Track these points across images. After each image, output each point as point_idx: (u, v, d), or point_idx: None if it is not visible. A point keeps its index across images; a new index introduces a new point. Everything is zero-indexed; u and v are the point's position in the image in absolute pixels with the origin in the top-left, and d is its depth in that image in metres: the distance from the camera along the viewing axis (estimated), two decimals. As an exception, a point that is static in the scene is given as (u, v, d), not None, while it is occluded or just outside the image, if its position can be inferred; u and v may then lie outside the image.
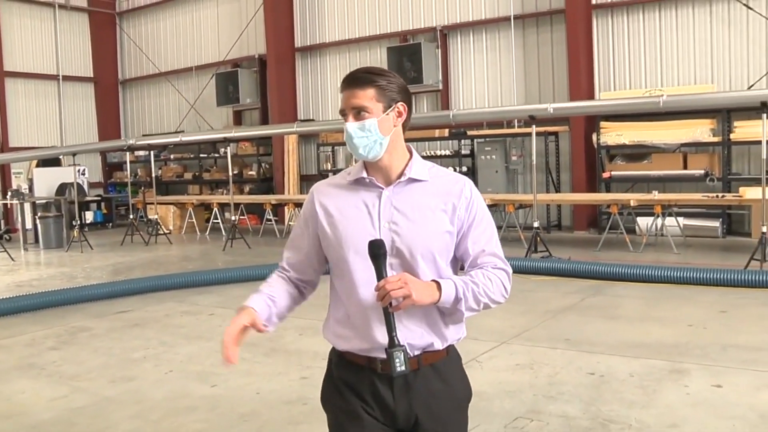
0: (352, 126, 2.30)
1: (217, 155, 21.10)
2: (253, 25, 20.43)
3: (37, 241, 17.52)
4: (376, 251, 2.14)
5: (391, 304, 2.09)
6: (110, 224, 21.61)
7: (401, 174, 2.33)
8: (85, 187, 20.42)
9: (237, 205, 17.09)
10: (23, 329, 8.66)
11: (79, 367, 6.82)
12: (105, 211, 21.82)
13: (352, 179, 2.38)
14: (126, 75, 24.76)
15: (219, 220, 17.99)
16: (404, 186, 2.33)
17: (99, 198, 21.97)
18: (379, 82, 2.30)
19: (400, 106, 2.33)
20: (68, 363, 6.98)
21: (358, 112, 2.29)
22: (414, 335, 2.26)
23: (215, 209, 18.03)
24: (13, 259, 15.10)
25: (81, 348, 7.58)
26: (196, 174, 21.70)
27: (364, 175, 2.34)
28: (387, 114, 2.30)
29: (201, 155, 21.39)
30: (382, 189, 2.34)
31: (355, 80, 2.31)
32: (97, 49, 24.23)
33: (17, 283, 12.32)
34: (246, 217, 18.43)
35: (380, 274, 2.13)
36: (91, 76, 24.13)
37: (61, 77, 22.97)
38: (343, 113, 2.34)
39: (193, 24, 22.40)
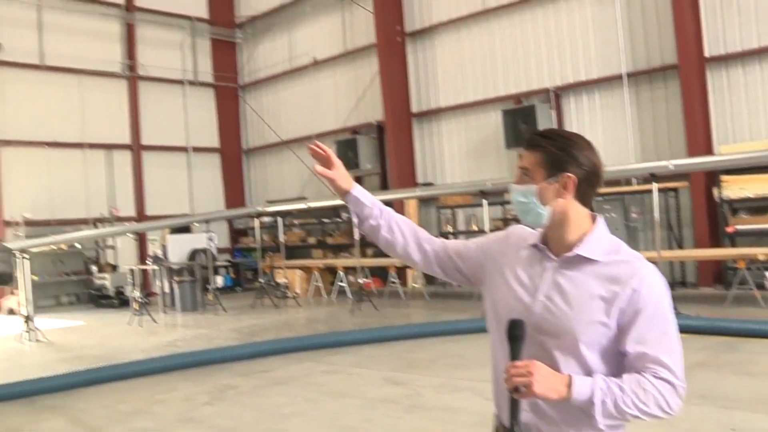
0: (513, 187, 2.29)
1: (339, 220, 22.09)
2: (370, 92, 21.40)
3: (173, 304, 18.59)
4: (514, 332, 2.07)
5: (517, 389, 2.02)
6: (239, 288, 22.83)
7: (572, 248, 2.23)
8: (215, 252, 21.59)
9: (362, 268, 17.76)
10: (176, 386, 9.57)
11: (234, 421, 7.62)
12: (233, 275, 23.03)
13: (530, 242, 2.34)
14: (249, 144, 26.55)
15: (344, 283, 18.72)
16: (572, 262, 2.22)
17: (227, 263, 23.25)
18: (547, 148, 2.23)
19: (568, 177, 2.22)
20: (223, 417, 7.80)
21: (523, 174, 2.27)
22: (549, 427, 2.18)
23: (340, 272, 18.78)
24: (155, 321, 16.13)
25: (232, 404, 8.39)
26: (320, 238, 22.63)
27: (539, 241, 2.31)
28: (550, 183, 2.22)
29: (323, 220, 22.42)
30: (551, 260, 2.26)
31: (527, 140, 2.30)
32: (223, 120, 26.29)
33: (163, 343, 13.38)
34: (370, 279, 19.10)
35: (513, 355, 2.06)
36: (218, 146, 26.15)
37: (190, 149, 24.63)
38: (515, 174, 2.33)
39: (312, 93, 23.85)
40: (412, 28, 20.95)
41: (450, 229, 19.43)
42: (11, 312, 19.59)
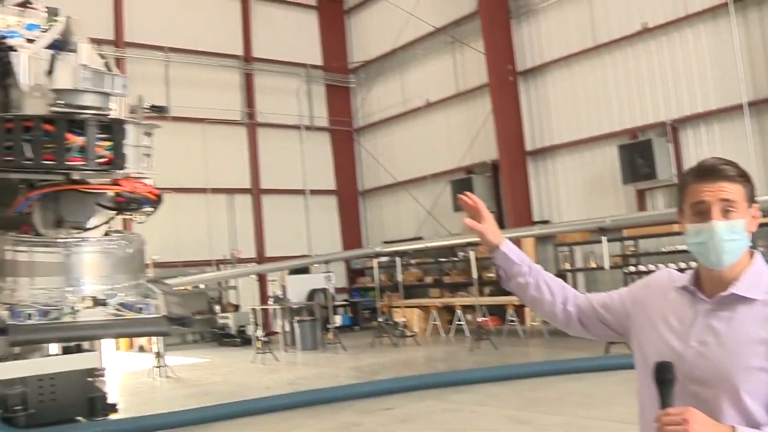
0: (721, 225, 2.07)
1: (455, 259, 22.17)
2: (483, 132, 21.57)
3: (294, 343, 19.03)
4: (662, 375, 1.95)
5: None
6: (357, 327, 23.19)
7: (726, 287, 2.09)
8: (333, 292, 22.02)
9: (480, 307, 17.79)
10: (301, 423, 9.93)
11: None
12: (351, 314, 23.44)
13: (679, 285, 2.22)
14: (365, 186, 27.19)
15: (462, 322, 18.77)
16: (727, 302, 2.08)
17: (345, 302, 23.68)
18: (747, 179, 2.11)
19: (756, 209, 2.13)
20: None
21: (725, 210, 2.08)
22: None
23: (458, 311, 18.86)
24: (277, 360, 16.56)
25: (358, 441, 8.50)
26: (437, 277, 22.78)
27: (690, 283, 2.19)
28: (749, 216, 2.11)
29: (440, 259, 22.54)
30: (704, 301, 2.13)
31: (722, 172, 2.09)
32: (339, 163, 27.11)
33: (285, 381, 13.78)
34: (488, 318, 19.09)
35: (663, 401, 1.93)
36: (334, 188, 26.89)
37: (308, 191, 25.32)
38: (699, 209, 2.13)
39: (426, 134, 24.24)
40: (524, 67, 21.13)
41: (567, 266, 19.27)
42: (141, 349, 20.55)
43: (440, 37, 23.58)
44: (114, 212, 3.52)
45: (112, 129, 3.09)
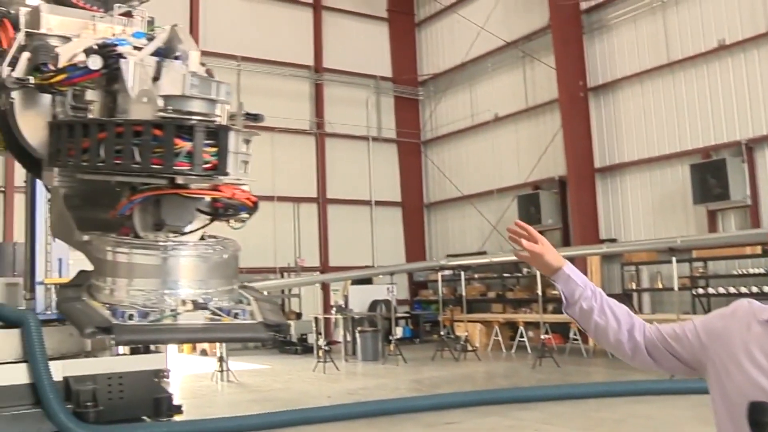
0: None
1: (519, 275, 22.08)
2: (552, 147, 21.44)
3: (354, 353, 19.13)
4: (758, 418, 1.88)
5: None
6: (417, 339, 23.24)
7: None
8: (395, 303, 22.08)
9: (543, 324, 17.69)
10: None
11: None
12: (412, 326, 23.47)
13: (764, 317, 2.09)
14: (431, 199, 27.25)
15: (525, 339, 18.64)
16: None
17: (407, 314, 23.72)
18: None
19: None
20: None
21: None
22: None
23: (521, 327, 18.76)
24: (338, 369, 16.67)
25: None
26: (500, 292, 22.69)
27: None
28: None
29: (504, 275, 22.46)
30: None
31: None
32: (405, 175, 27.29)
33: (347, 390, 13.88)
34: (550, 335, 18.96)
35: None
36: (400, 200, 26.97)
37: (373, 202, 25.45)
38: None
39: (493, 149, 24.23)
40: (595, 83, 20.98)
41: (634, 286, 19.01)
42: (204, 353, 20.90)
43: (511, 52, 23.56)
44: (211, 217, 3.62)
45: (218, 135, 3.21)
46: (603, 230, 20.66)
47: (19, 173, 19.78)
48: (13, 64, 4.01)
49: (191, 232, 3.58)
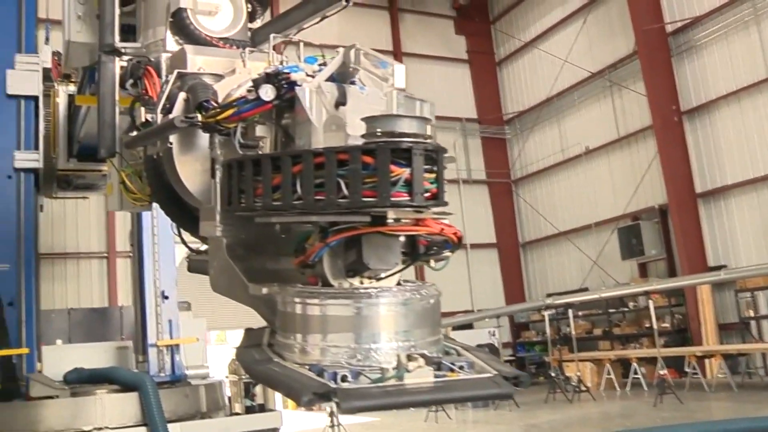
0: None
1: (625, 309, 21.31)
2: (649, 175, 20.81)
3: (466, 400, 18.52)
4: None
5: None
6: (524, 383, 22.33)
7: None
8: (498, 347, 21.51)
9: (655, 359, 16.91)
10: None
11: None
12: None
13: None
14: (525, 238, 26.86)
15: (639, 375, 17.83)
16: None
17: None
18: None
19: None
20: None
21: None
22: None
23: (634, 364, 17.98)
24: (449, 417, 16.21)
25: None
26: (606, 329, 21.93)
27: None
28: None
29: (609, 310, 21.67)
30: None
31: None
32: (498, 216, 26.98)
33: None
34: (666, 371, 18.07)
35: None
36: (494, 241, 26.56)
37: (468, 245, 24.96)
38: None
39: (587, 182, 23.80)
40: (689, 106, 20.40)
41: (751, 313, 18.07)
42: (309, 408, 20.57)
43: (597, 82, 23.23)
44: (410, 258, 3.21)
45: (436, 158, 2.82)
46: (711, 257, 19.81)
47: (121, 238, 20.16)
48: (165, 109, 3.76)
49: (390, 275, 3.17)
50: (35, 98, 9.50)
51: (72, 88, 9.41)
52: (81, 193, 11.95)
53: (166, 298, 9.84)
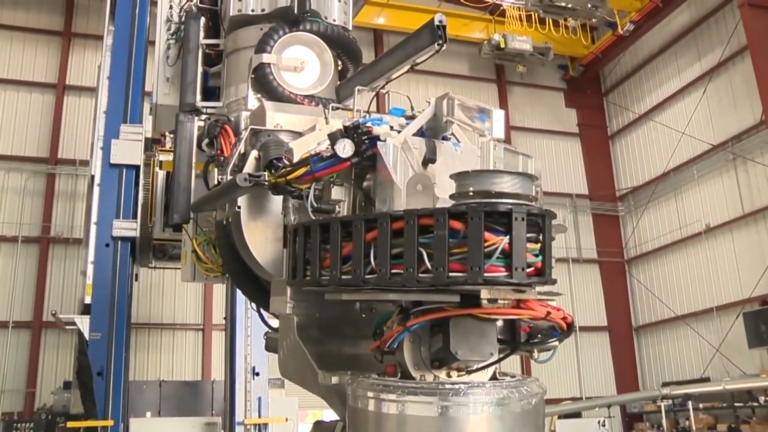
0: None
1: (755, 404, 19.82)
2: (778, 257, 19.55)
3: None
4: None
5: None
6: (639, 480, 21.07)
7: None
8: (609, 439, 20.37)
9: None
10: None
11: None
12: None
13: None
14: (639, 321, 25.67)
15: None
16: None
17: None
18: None
19: None
20: None
21: None
22: None
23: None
24: None
25: None
26: (732, 425, 20.45)
27: None
28: None
29: (735, 404, 20.20)
30: None
31: None
32: (609, 297, 25.78)
33: None
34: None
35: None
36: (605, 324, 25.47)
37: (577, 328, 23.96)
38: None
39: (709, 262, 22.65)
40: (824, 179, 19.04)
41: None
42: None
43: (719, 155, 22.15)
44: (509, 347, 2.73)
45: (542, 225, 2.35)
46: None
47: (218, 311, 20.18)
48: (236, 169, 3.45)
49: (484, 368, 2.69)
50: (137, 167, 9.66)
51: (171, 156, 9.50)
52: (177, 263, 12.03)
53: (257, 374, 9.66)
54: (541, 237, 2.39)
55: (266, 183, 3.07)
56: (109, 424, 8.49)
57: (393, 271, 2.34)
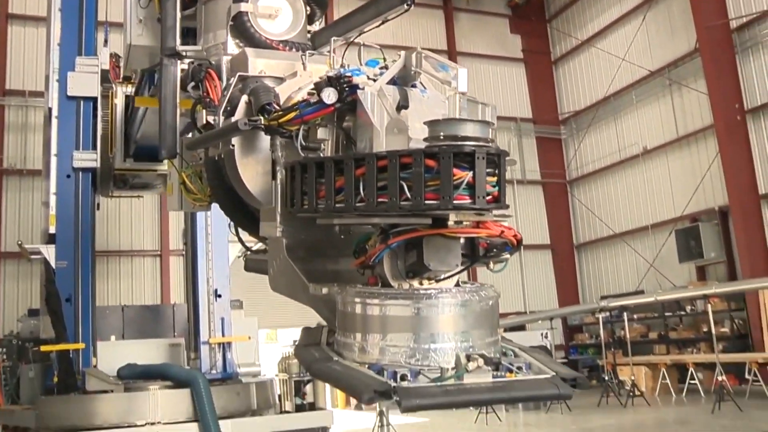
0: None
1: (683, 313, 21.00)
2: (709, 176, 20.47)
3: (514, 403, 18.49)
4: None
5: None
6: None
7: None
8: (551, 349, 21.40)
9: (713, 365, 16.62)
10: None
11: None
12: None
13: None
14: (580, 239, 26.68)
15: (696, 381, 17.57)
16: None
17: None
18: None
19: None
20: None
21: None
22: None
23: (691, 369, 17.72)
24: (500, 420, 16.16)
25: None
26: (662, 333, 21.65)
27: None
28: None
29: (666, 314, 21.37)
30: None
31: None
32: (552, 217, 26.75)
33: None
34: (724, 377, 17.73)
35: None
36: (548, 243, 26.44)
37: (522, 247, 24.68)
38: None
39: (645, 182, 23.56)
40: (753, 104, 19.96)
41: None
42: (359, 407, 20.70)
43: (656, 80, 22.92)
44: (470, 259, 3.29)
45: (498, 162, 2.88)
46: (776, 260, 19.36)
47: (174, 237, 20.49)
48: (227, 112, 3.87)
49: (450, 277, 3.24)
50: (94, 99, 9.81)
51: (129, 89, 9.69)
52: (137, 192, 12.25)
53: (219, 296, 10.05)
54: (497, 172, 2.95)
55: (262, 127, 3.51)
56: (81, 347, 8.83)
57: (379, 200, 2.87)
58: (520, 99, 27.01)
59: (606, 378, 18.77)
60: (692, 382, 18.27)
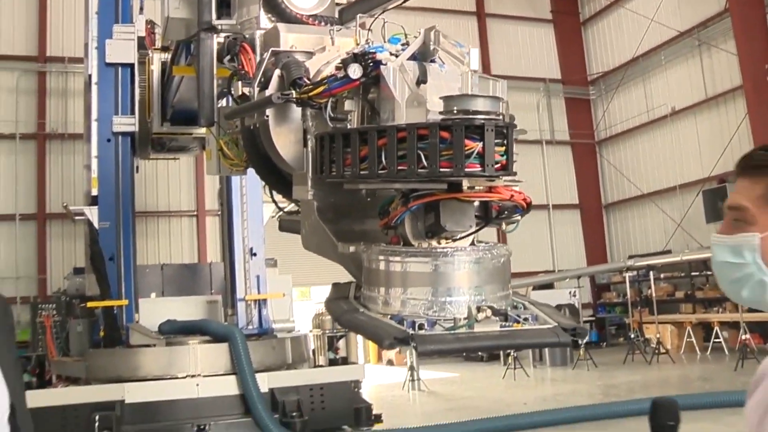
0: (717, 240, 1.56)
1: (709, 273, 21.00)
2: (737, 137, 20.40)
3: (541, 358, 18.87)
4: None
5: None
6: (603, 343, 22.61)
7: None
8: (579, 308, 21.61)
9: (738, 324, 16.82)
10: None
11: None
12: (597, 330, 22.85)
13: None
14: (608, 199, 26.74)
15: (720, 340, 17.74)
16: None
17: (591, 318, 23.15)
18: None
19: None
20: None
21: (735, 219, 1.52)
22: None
23: (716, 328, 17.89)
24: (528, 375, 16.44)
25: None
26: (688, 292, 21.76)
27: None
28: None
29: (692, 273, 21.48)
30: None
31: (746, 162, 1.52)
32: (581, 177, 26.83)
33: (542, 397, 13.63)
34: (749, 336, 17.86)
35: None
36: (577, 202, 26.56)
37: (550, 206, 24.95)
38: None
39: (673, 143, 23.45)
40: (783, 65, 19.67)
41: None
42: (390, 363, 21.11)
43: (685, 41, 22.76)
44: (483, 221, 3.60)
45: (506, 133, 3.16)
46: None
47: (210, 198, 20.91)
48: (261, 84, 4.14)
49: (465, 236, 3.54)
50: (131, 66, 10.08)
51: (165, 56, 9.95)
52: (173, 154, 12.58)
53: (254, 254, 10.34)
54: (505, 142, 3.24)
55: (294, 100, 3.79)
56: (124, 303, 9.21)
57: (399, 167, 3.16)
58: (549, 60, 26.91)
59: (632, 336, 19.02)
60: (717, 340, 18.43)
